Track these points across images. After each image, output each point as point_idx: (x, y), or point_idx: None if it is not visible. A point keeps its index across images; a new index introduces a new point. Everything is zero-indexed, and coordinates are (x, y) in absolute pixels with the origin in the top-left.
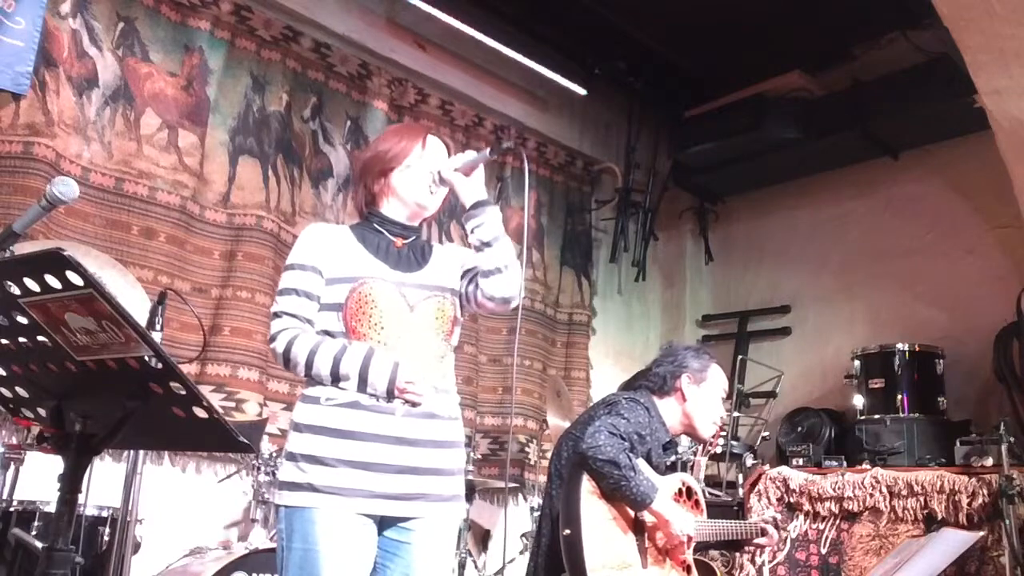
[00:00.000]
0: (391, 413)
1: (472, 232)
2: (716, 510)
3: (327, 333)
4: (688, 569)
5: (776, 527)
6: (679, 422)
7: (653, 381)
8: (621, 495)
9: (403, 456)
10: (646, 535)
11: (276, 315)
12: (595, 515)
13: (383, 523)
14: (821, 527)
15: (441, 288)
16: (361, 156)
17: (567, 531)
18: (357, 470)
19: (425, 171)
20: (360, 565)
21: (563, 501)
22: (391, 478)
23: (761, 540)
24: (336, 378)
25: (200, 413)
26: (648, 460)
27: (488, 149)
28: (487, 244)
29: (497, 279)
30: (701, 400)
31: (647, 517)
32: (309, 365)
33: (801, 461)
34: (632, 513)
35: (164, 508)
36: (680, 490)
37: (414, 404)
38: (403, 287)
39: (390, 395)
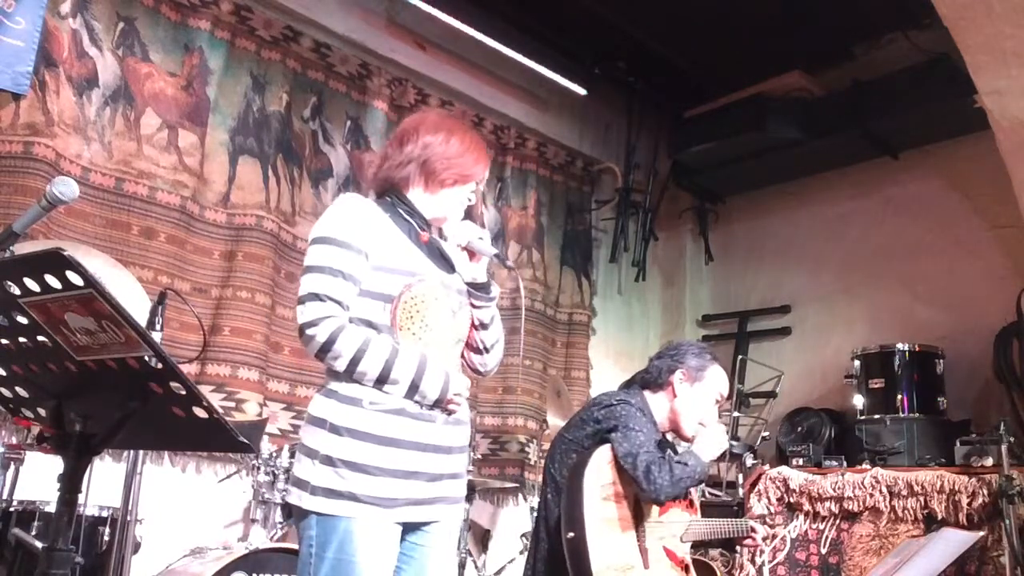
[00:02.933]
0: (432, 421)
1: (474, 305)
2: (716, 510)
3: (367, 323)
4: (687, 568)
5: (764, 523)
6: (666, 418)
7: (649, 374)
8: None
9: (438, 464)
10: (645, 536)
11: (318, 297)
12: (598, 517)
13: (407, 527)
14: (821, 527)
15: (467, 296)
16: (430, 136)
17: (571, 534)
18: (397, 479)
19: (465, 201)
20: (389, 572)
21: (565, 504)
22: (425, 485)
23: (747, 542)
24: (383, 381)
25: (200, 413)
26: None
27: (497, 252)
28: (484, 326)
29: (482, 357)
30: (691, 399)
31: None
32: (355, 362)
33: (801, 461)
34: (631, 514)
35: (164, 508)
36: None
37: (451, 412)
38: (449, 291)
39: (437, 404)
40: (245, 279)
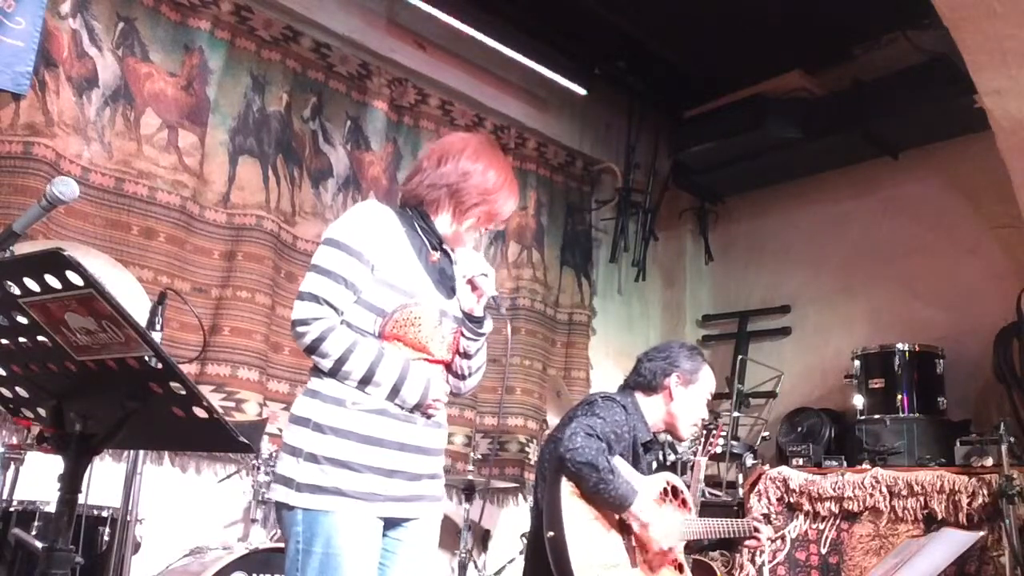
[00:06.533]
0: (413, 423)
1: (464, 335)
2: (716, 510)
3: (356, 330)
4: (680, 567)
5: (769, 523)
6: (661, 420)
7: (643, 376)
8: (600, 498)
9: (419, 464)
10: (633, 533)
11: (316, 298)
12: (578, 515)
13: (387, 523)
14: (821, 527)
15: (460, 322)
16: (470, 164)
17: (551, 533)
18: (380, 476)
19: (483, 231)
20: (375, 567)
21: (546, 503)
22: (406, 484)
23: (751, 543)
24: (366, 383)
25: (200, 413)
26: (626, 458)
27: (495, 296)
28: (468, 356)
29: (459, 381)
30: (688, 401)
31: (631, 520)
32: (341, 361)
33: (801, 461)
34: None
35: (164, 508)
36: (665, 489)
37: (429, 416)
38: (444, 316)
39: (416, 408)
40: (245, 279)
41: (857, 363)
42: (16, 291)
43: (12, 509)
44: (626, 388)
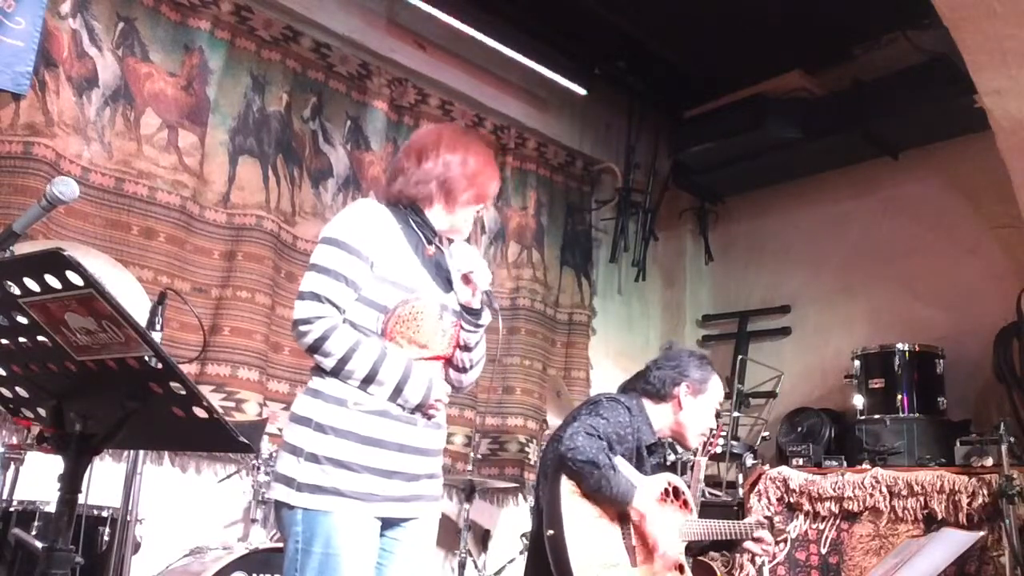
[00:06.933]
0: (413, 424)
1: (463, 328)
2: (716, 510)
3: (359, 328)
4: (680, 568)
5: (771, 528)
6: (668, 427)
7: (651, 384)
8: (602, 495)
9: (419, 465)
10: (633, 533)
11: (317, 297)
12: (579, 514)
13: (385, 523)
14: (821, 527)
15: (459, 315)
16: (450, 155)
17: (551, 531)
18: (379, 477)
19: (475, 216)
20: (373, 567)
21: (546, 501)
22: (404, 484)
23: (753, 547)
24: (369, 382)
25: (200, 413)
26: (630, 460)
27: (488, 291)
28: (468, 348)
29: (460, 375)
30: (696, 411)
31: (633, 515)
32: (344, 361)
33: (801, 461)
34: (616, 511)
35: (164, 508)
36: (667, 490)
37: (430, 417)
38: (444, 310)
39: (418, 409)
40: (245, 279)
41: (857, 363)
42: (16, 291)
43: (12, 509)
44: (632, 392)
